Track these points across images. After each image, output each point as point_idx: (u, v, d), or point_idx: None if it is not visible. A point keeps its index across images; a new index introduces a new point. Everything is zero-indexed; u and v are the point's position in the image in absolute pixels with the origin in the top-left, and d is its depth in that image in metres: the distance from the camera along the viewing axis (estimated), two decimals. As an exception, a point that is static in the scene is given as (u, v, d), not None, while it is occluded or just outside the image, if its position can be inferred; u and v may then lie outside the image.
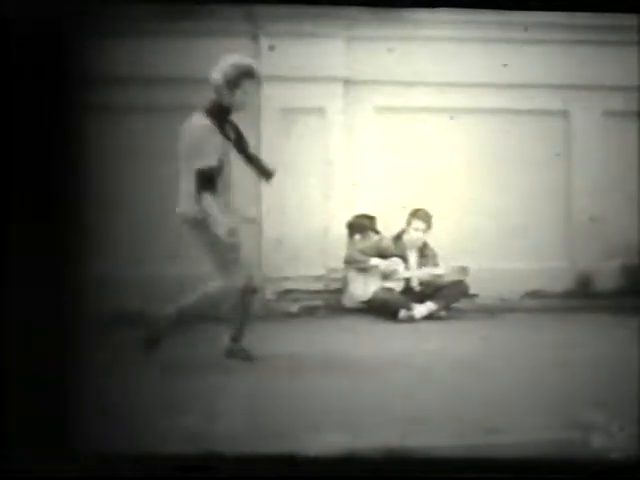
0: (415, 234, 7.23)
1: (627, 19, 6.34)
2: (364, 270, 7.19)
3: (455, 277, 7.15)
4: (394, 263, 7.19)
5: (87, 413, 3.38)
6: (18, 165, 3.25)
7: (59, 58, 3.27)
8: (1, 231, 3.23)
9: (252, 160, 5.24)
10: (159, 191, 6.95)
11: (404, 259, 7.25)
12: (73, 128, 3.27)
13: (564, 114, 7.76)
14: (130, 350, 5.01)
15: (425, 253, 7.30)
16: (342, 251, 7.35)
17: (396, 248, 7.25)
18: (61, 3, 3.27)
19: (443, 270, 7.18)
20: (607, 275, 7.68)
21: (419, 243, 7.26)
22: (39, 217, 3.26)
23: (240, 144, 5.19)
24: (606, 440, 3.64)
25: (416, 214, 7.23)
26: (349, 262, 7.26)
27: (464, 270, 7.07)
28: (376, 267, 7.15)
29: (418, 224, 7.22)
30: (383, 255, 7.22)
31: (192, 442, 3.52)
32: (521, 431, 3.80)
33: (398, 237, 7.29)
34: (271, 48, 6.37)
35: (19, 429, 3.21)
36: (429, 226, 7.24)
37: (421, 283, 7.24)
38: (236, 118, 5.05)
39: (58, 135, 3.27)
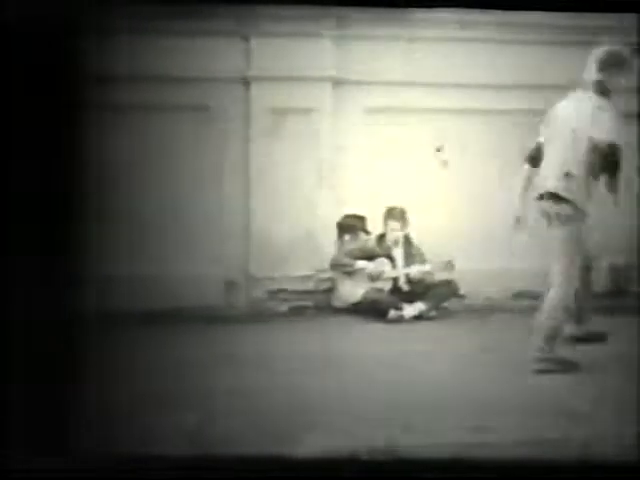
0: (393, 234, 7.29)
1: (613, 20, 6.39)
2: (351, 273, 7.20)
3: (441, 272, 7.18)
4: (380, 264, 7.21)
5: (87, 413, 3.39)
6: (18, 165, 3.25)
7: (59, 58, 3.27)
8: (1, 231, 3.23)
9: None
10: (160, 190, 6.96)
11: (391, 259, 7.28)
12: (73, 128, 3.28)
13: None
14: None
15: (410, 251, 7.33)
16: (331, 251, 7.36)
17: (381, 249, 7.28)
18: (61, 3, 3.27)
19: (429, 267, 7.21)
20: (595, 275, 7.71)
21: (399, 241, 7.31)
22: (39, 217, 3.26)
23: None
24: (595, 440, 3.68)
25: (390, 214, 7.28)
26: (335, 266, 7.26)
27: (450, 265, 7.10)
28: (363, 270, 7.17)
29: (393, 224, 7.27)
30: (370, 256, 7.24)
31: (191, 442, 3.53)
32: (512, 430, 3.84)
33: (381, 238, 7.33)
34: None
35: (19, 429, 3.21)
36: (405, 223, 7.29)
37: (410, 282, 7.26)
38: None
39: (58, 135, 3.27)
